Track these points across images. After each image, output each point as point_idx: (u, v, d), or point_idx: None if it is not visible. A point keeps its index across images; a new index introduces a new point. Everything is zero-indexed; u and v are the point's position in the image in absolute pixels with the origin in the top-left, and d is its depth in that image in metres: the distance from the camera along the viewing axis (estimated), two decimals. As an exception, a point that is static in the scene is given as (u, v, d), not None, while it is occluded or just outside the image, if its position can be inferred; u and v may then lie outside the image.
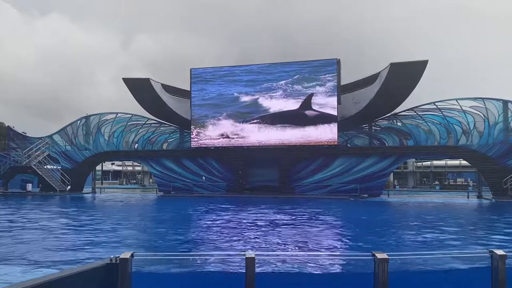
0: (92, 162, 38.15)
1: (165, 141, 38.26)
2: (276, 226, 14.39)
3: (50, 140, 38.25)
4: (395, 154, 31.96)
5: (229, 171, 34.90)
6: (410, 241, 11.61)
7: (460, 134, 30.83)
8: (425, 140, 31.95)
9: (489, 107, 30.00)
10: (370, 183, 31.81)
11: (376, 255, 4.68)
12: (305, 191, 32.68)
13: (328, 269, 7.80)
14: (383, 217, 19.11)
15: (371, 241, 11.68)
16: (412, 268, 5.93)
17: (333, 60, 32.52)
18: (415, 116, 32.29)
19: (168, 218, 18.30)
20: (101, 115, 38.11)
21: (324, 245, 10.97)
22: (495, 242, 11.36)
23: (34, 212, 19.70)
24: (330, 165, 32.69)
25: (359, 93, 33.52)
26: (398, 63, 29.53)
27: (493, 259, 4.86)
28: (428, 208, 23.34)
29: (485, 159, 29.67)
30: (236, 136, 33.80)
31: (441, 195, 37.32)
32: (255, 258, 4.71)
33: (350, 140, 34.63)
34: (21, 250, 9.74)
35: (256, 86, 33.77)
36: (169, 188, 35.67)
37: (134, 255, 4.74)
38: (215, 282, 5.39)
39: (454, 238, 12.08)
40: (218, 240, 11.57)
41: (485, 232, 13.70)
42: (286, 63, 34.01)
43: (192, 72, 35.38)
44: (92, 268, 4.50)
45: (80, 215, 18.98)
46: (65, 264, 8.24)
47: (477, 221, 18.19)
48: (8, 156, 36.89)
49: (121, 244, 10.99)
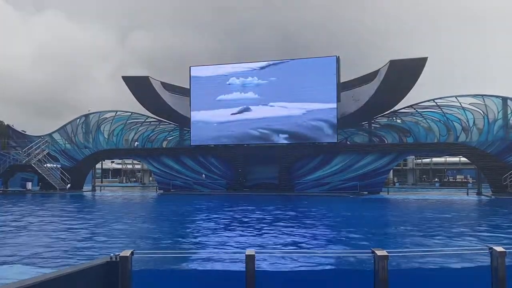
0: (92, 160, 38.15)
1: (164, 139, 38.27)
2: (278, 223, 14.41)
3: (49, 138, 38.24)
4: (394, 151, 31.98)
5: (229, 169, 34.91)
6: (413, 239, 11.62)
7: (459, 131, 30.82)
8: (424, 137, 31.96)
9: (488, 104, 30.00)
10: (370, 180, 31.84)
11: (376, 252, 4.70)
12: (305, 189, 32.72)
13: (328, 266, 7.81)
14: (383, 214, 19.14)
15: (375, 239, 11.69)
16: (412, 265, 5.95)
17: (332, 58, 32.49)
18: (415, 114, 32.29)
19: (168, 215, 18.31)
20: (100, 113, 38.08)
21: (326, 242, 10.99)
22: (493, 239, 11.37)
23: (35, 210, 19.71)
24: (330, 162, 32.71)
25: (358, 91, 33.51)
26: (398, 60, 29.47)
27: (493, 256, 4.87)
28: (428, 204, 23.36)
29: (485, 156, 29.69)
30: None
31: (440, 192, 37.34)
32: (255, 256, 4.72)
33: (350, 137, 34.65)
34: (28, 249, 9.75)
35: (256, 85, 33.70)
36: (169, 186, 35.67)
37: (134, 253, 4.75)
38: (215, 279, 5.40)
39: (455, 235, 12.08)
40: (218, 238, 11.58)
41: (485, 229, 13.72)
42: (285, 60, 33.96)
43: (191, 72, 35.28)
44: (92, 266, 4.51)
45: (80, 213, 19.00)
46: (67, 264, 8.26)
47: (478, 218, 18.21)
48: (8, 154, 36.87)
49: (121, 241, 10.99)
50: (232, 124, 34.00)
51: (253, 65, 34.33)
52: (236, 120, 33.96)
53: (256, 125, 33.45)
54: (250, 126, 33.58)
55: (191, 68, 35.42)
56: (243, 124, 33.76)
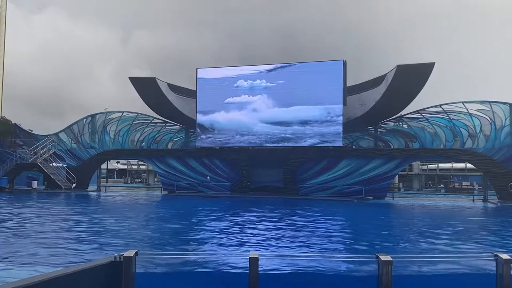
0: (97, 160, 38.30)
1: (170, 140, 38.39)
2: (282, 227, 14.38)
3: (56, 137, 38.46)
4: (400, 157, 31.83)
5: (233, 171, 34.91)
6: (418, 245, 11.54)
7: (466, 137, 30.64)
8: (430, 143, 31.80)
9: (496, 110, 29.80)
10: (375, 185, 31.70)
11: (380, 257, 4.67)
12: (309, 192, 32.61)
13: (332, 270, 7.77)
14: (388, 219, 19.05)
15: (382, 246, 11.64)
16: (416, 271, 5.90)
17: (339, 62, 32.46)
18: (421, 119, 32.15)
19: (172, 216, 18.33)
20: (107, 113, 38.27)
21: (332, 247, 10.95)
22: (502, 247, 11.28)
23: (41, 209, 19.81)
24: (335, 166, 32.61)
25: (365, 95, 33.43)
26: (405, 65, 29.39)
27: (498, 263, 4.83)
28: (434, 211, 23.21)
29: (491, 162, 29.48)
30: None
31: (446, 198, 37.09)
32: (258, 258, 4.71)
33: (356, 141, 34.55)
34: (37, 248, 9.79)
35: (264, 88, 33.74)
36: (173, 187, 35.75)
37: (138, 253, 4.76)
38: (219, 281, 5.39)
39: (460, 242, 12.00)
40: (223, 240, 11.57)
41: (491, 236, 13.61)
42: (292, 63, 34.00)
43: (198, 73, 35.35)
44: (96, 266, 4.51)
45: (85, 212, 19.06)
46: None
47: (484, 225, 18.07)
48: (15, 153, 37.11)
49: (125, 241, 11.01)
50: (238, 126, 34.01)
51: (260, 68, 34.35)
52: (242, 122, 33.95)
53: (263, 128, 33.43)
54: (256, 128, 33.57)
55: (198, 70, 35.50)
56: (249, 126, 33.76)
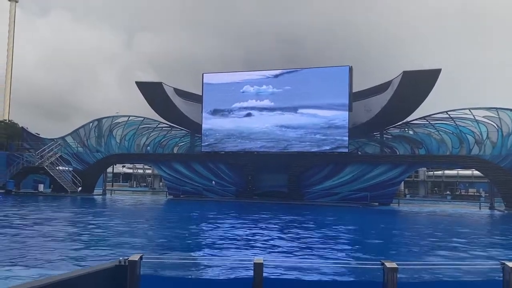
0: (103, 164, 38.44)
1: (176, 145, 38.46)
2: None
3: (62, 141, 38.66)
4: (406, 163, 31.66)
5: (239, 176, 34.88)
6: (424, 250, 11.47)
7: (472, 144, 30.44)
8: (437, 149, 31.63)
9: (503, 117, 29.58)
10: (381, 191, 31.52)
11: (385, 264, 4.64)
12: (314, 198, 32.49)
13: (337, 277, 7.74)
14: (396, 227, 18.95)
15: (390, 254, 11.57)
16: (422, 278, 5.85)
17: (345, 67, 32.46)
18: (427, 125, 32.01)
19: (177, 221, 18.35)
20: (113, 118, 38.45)
21: (337, 254, 10.90)
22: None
23: (49, 213, 19.90)
24: (341, 172, 32.49)
25: (370, 101, 33.37)
26: (411, 71, 29.33)
27: (505, 271, 4.78)
28: (440, 219, 23.05)
29: (498, 169, 29.24)
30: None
31: (452, 205, 36.80)
32: (263, 264, 4.70)
33: (361, 147, 34.44)
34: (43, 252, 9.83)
35: (271, 93, 33.77)
36: (179, 192, 35.74)
37: (143, 257, 4.75)
38: (223, 287, 5.38)
39: (466, 249, 11.90)
40: (226, 245, 11.55)
41: (498, 244, 13.49)
42: (298, 69, 34.05)
43: (204, 79, 35.47)
44: (101, 270, 4.52)
45: (90, 216, 19.12)
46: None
47: (491, 233, 17.93)
48: (21, 156, 37.33)
49: (129, 245, 11.02)
50: (244, 131, 34.05)
51: (267, 73, 34.41)
52: (248, 128, 34.00)
53: (268, 133, 33.44)
54: (263, 134, 33.58)
55: (204, 75, 35.63)
56: (255, 131, 33.79)
